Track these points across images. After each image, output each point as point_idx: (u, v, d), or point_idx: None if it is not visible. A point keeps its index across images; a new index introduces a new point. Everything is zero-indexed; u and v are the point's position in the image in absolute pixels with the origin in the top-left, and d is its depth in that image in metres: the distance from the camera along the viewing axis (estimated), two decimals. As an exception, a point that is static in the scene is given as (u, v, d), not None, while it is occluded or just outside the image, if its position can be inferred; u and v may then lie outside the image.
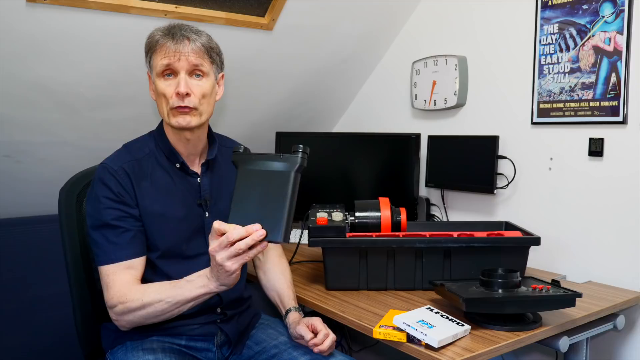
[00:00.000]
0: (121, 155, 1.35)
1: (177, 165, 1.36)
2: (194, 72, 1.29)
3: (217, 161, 1.44)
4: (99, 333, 1.43)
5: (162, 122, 1.40)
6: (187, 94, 1.27)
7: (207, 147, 1.42)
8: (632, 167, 1.60)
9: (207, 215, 1.38)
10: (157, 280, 1.30)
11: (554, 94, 1.77)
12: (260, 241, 1.08)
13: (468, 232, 1.54)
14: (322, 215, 1.50)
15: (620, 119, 1.61)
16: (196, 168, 1.40)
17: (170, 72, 1.28)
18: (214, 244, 1.10)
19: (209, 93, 1.32)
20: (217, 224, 1.10)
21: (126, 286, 1.24)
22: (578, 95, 1.71)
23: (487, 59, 1.98)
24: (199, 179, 1.39)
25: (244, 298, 1.47)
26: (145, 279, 1.30)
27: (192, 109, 1.29)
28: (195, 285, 1.20)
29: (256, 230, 1.07)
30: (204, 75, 1.31)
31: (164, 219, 1.32)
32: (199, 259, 1.35)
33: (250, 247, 1.08)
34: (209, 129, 1.43)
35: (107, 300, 1.25)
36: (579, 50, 1.70)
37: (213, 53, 1.33)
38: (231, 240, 1.07)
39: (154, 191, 1.33)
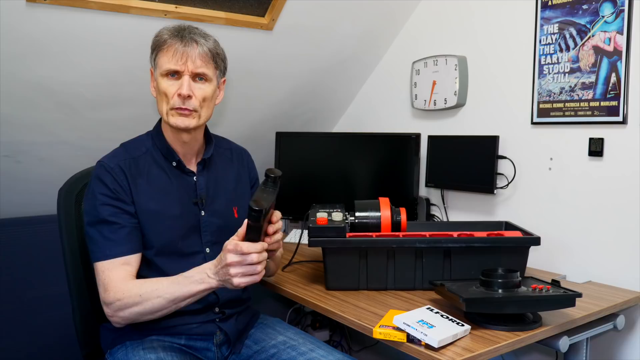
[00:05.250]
0: (118, 153, 1.37)
1: (174, 163, 1.38)
2: (198, 75, 1.32)
3: (213, 161, 1.46)
4: (98, 333, 1.42)
5: (160, 121, 1.41)
6: (189, 96, 1.30)
7: (203, 146, 1.44)
8: (632, 167, 1.60)
9: (202, 214, 1.39)
10: (153, 277, 1.30)
11: (554, 94, 1.77)
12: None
13: (468, 232, 1.54)
14: (322, 215, 1.50)
15: (620, 119, 1.61)
16: (192, 167, 1.41)
17: (174, 72, 1.30)
18: (234, 258, 1.14)
19: (210, 97, 1.36)
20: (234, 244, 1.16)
21: (122, 282, 1.25)
22: (578, 95, 1.71)
23: (487, 59, 1.98)
24: (195, 177, 1.40)
25: (243, 299, 1.47)
26: (142, 276, 1.30)
27: (192, 111, 1.32)
28: (193, 281, 1.21)
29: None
30: (206, 80, 1.34)
31: (159, 217, 1.33)
32: (196, 256, 1.36)
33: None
34: (206, 129, 1.45)
35: (104, 297, 1.26)
36: (579, 50, 1.70)
37: (218, 59, 1.36)
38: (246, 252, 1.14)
39: (149, 189, 1.34)
